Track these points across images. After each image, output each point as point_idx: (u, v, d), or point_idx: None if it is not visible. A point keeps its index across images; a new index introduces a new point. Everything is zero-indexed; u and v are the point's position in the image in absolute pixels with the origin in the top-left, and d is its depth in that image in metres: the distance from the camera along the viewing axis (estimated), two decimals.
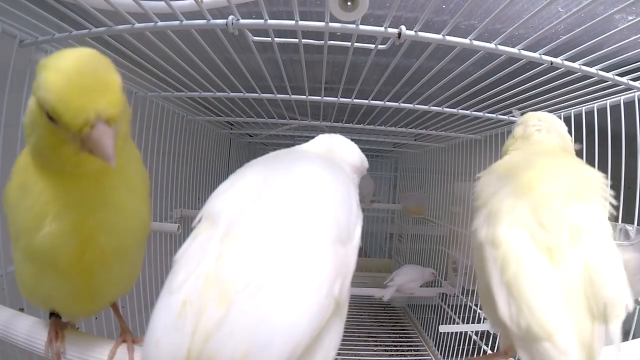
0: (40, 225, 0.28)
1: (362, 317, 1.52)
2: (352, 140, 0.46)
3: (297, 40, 0.54)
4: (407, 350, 1.29)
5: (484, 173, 0.40)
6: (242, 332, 0.21)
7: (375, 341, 1.34)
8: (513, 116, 0.85)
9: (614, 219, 0.35)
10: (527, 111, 0.78)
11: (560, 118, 0.74)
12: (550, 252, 0.29)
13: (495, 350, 0.87)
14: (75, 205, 0.29)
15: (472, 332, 0.97)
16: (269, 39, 0.54)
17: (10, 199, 0.30)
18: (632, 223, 0.56)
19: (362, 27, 0.47)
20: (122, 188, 0.31)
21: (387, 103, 0.82)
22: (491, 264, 0.31)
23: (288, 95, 0.82)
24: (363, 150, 0.46)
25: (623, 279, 0.28)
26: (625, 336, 0.31)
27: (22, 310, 0.41)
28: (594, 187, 0.33)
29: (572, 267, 0.29)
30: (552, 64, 0.51)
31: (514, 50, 0.50)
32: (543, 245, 0.30)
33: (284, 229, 0.25)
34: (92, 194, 0.29)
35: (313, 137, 0.46)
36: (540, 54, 0.51)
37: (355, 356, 1.19)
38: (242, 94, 0.82)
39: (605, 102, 0.65)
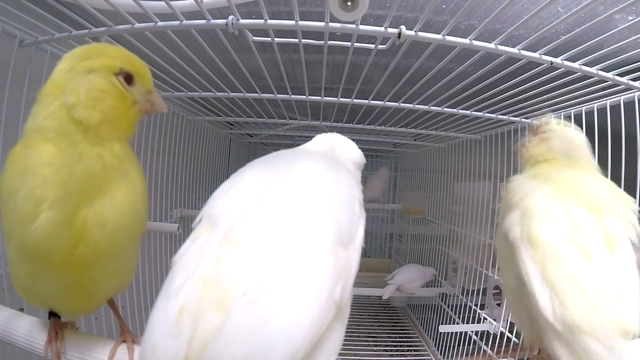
0: (36, 213, 0.28)
1: (362, 317, 1.52)
2: (352, 140, 0.46)
3: (297, 40, 0.54)
4: (407, 350, 1.29)
5: (515, 177, 0.41)
6: (239, 340, 0.20)
7: (375, 341, 1.34)
8: (514, 117, 0.85)
9: None
10: (528, 111, 0.79)
11: (560, 118, 0.74)
12: (587, 256, 0.30)
13: (495, 351, 0.87)
14: (74, 192, 0.29)
15: (472, 332, 0.97)
16: (269, 39, 0.54)
17: (6, 190, 0.30)
18: None
19: (362, 27, 0.47)
20: (122, 183, 0.32)
21: (387, 103, 0.82)
22: (528, 261, 0.32)
23: (288, 95, 0.82)
24: (363, 150, 0.46)
25: (637, 301, 0.29)
26: None
27: (22, 310, 0.41)
28: (624, 206, 0.34)
29: (609, 275, 0.29)
30: (552, 64, 0.51)
31: (514, 50, 0.50)
32: (579, 246, 0.31)
33: (284, 233, 0.25)
34: (93, 182, 0.30)
35: (313, 137, 0.46)
36: (540, 54, 0.51)
37: (355, 356, 1.19)
38: (242, 94, 0.82)
39: (605, 102, 0.65)
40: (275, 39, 0.54)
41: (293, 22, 0.47)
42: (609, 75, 0.54)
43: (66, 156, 0.29)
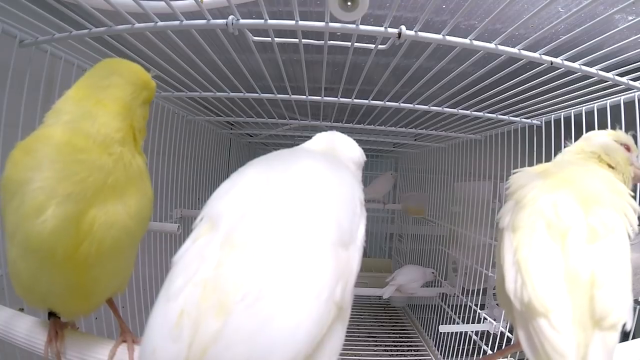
0: (46, 206, 0.28)
1: (362, 317, 1.52)
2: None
3: (297, 40, 0.54)
4: (407, 350, 1.29)
5: (519, 169, 0.42)
6: (239, 343, 0.20)
7: (375, 341, 1.34)
8: (514, 117, 0.85)
9: None
10: (528, 111, 0.79)
11: (560, 118, 0.75)
12: (563, 242, 0.30)
13: (495, 350, 0.87)
14: (89, 193, 0.30)
15: (472, 332, 0.97)
16: (269, 39, 0.54)
17: (15, 182, 0.30)
18: None
19: (362, 27, 0.47)
20: (137, 189, 0.33)
21: (387, 103, 0.82)
22: (507, 246, 0.33)
23: (288, 95, 0.82)
24: (363, 150, 0.46)
25: (625, 294, 0.28)
26: (625, 336, 0.32)
27: (22, 310, 0.41)
28: (620, 199, 0.34)
29: (583, 261, 0.29)
30: (552, 64, 0.51)
31: (514, 50, 0.50)
32: (557, 233, 0.31)
33: (284, 234, 0.25)
34: (117, 185, 0.31)
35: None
36: (540, 54, 0.51)
37: (355, 356, 1.19)
38: (242, 94, 0.82)
39: (605, 102, 0.65)
40: (275, 39, 0.54)
41: (293, 22, 0.47)
42: (609, 75, 0.54)
43: (113, 160, 0.32)
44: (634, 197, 0.36)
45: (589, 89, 0.62)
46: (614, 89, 0.60)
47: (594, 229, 0.31)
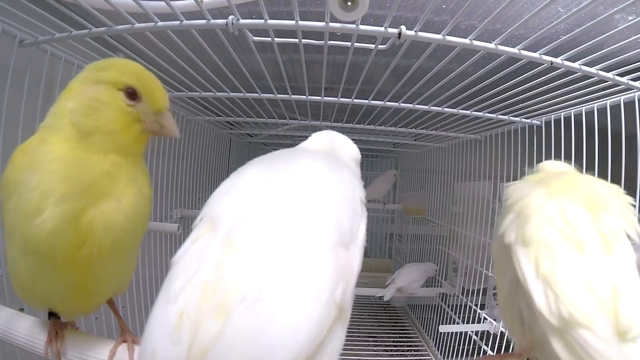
0: (42, 207, 0.28)
1: (362, 317, 1.52)
2: (352, 140, 0.46)
3: (297, 40, 0.54)
4: (407, 350, 1.29)
5: (513, 182, 0.40)
6: (239, 345, 0.20)
7: (375, 341, 1.34)
8: (514, 117, 0.85)
9: None
10: (528, 111, 0.79)
11: (560, 118, 0.75)
12: (580, 249, 0.30)
13: (495, 351, 0.87)
14: (79, 191, 0.29)
15: (472, 332, 0.97)
16: (269, 39, 0.54)
17: (12, 182, 0.30)
18: None
19: (362, 27, 0.47)
20: (130, 187, 0.33)
21: (387, 103, 0.82)
22: (523, 261, 0.31)
23: (288, 95, 0.82)
24: (363, 150, 0.46)
25: (637, 300, 0.28)
26: None
27: (22, 310, 0.41)
28: (623, 202, 0.34)
29: (603, 272, 0.29)
30: (552, 64, 0.51)
31: (514, 50, 0.50)
32: (573, 241, 0.30)
33: (284, 235, 0.25)
34: (96, 185, 0.30)
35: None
36: (540, 54, 0.51)
37: (355, 356, 1.19)
38: (242, 94, 0.82)
39: (605, 102, 0.65)
40: (275, 39, 0.54)
41: (293, 22, 0.47)
42: (609, 75, 0.54)
43: (72, 156, 0.30)
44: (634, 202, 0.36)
45: (589, 89, 0.62)
46: (614, 89, 0.60)
47: (606, 237, 0.30)
